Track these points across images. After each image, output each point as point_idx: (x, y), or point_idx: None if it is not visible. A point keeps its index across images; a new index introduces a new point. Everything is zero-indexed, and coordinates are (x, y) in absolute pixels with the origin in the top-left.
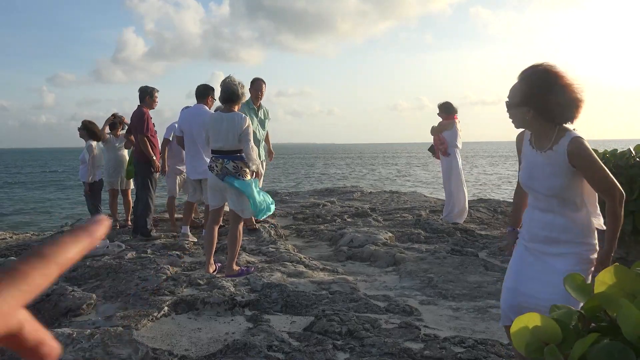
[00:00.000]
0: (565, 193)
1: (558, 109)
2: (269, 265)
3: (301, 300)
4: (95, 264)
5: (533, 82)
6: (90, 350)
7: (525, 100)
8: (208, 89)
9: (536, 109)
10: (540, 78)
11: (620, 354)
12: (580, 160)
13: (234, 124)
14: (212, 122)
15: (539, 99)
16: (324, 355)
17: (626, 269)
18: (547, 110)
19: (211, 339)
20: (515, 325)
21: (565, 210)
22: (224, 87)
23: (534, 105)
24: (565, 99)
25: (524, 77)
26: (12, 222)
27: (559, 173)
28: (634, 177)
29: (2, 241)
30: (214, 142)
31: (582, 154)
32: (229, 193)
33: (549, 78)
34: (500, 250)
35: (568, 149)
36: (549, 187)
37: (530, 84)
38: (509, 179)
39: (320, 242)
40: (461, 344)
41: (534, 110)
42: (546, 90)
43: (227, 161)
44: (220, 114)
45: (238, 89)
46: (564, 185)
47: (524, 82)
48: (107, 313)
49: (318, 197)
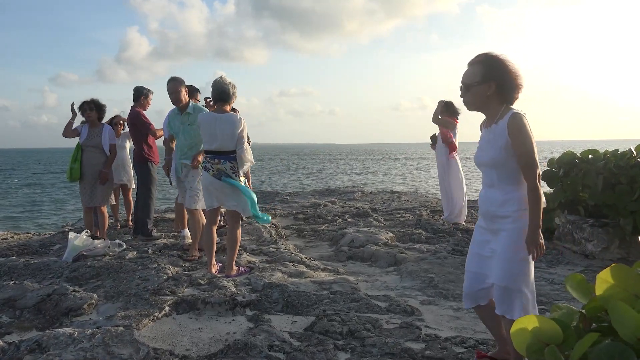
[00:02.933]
0: (503, 165)
1: (509, 88)
2: (270, 265)
3: (302, 300)
4: (96, 264)
5: (492, 63)
6: (92, 350)
7: (487, 77)
8: (193, 90)
9: (497, 84)
10: (495, 60)
11: (621, 354)
12: (515, 132)
13: (230, 125)
14: (206, 123)
15: (499, 75)
16: (325, 355)
17: (628, 269)
18: (503, 87)
19: (212, 338)
20: (516, 326)
21: (503, 185)
22: (215, 86)
23: (496, 80)
24: (513, 82)
25: (479, 60)
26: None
27: (498, 144)
28: (635, 177)
29: (3, 241)
30: (208, 143)
31: (518, 127)
32: (227, 193)
33: (504, 61)
34: None
35: (508, 122)
36: (490, 157)
37: (488, 65)
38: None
39: (321, 242)
40: (462, 344)
41: (496, 86)
42: (504, 70)
43: (223, 162)
44: (213, 115)
45: (229, 88)
46: (502, 155)
47: (480, 65)
48: (108, 313)
49: (319, 197)
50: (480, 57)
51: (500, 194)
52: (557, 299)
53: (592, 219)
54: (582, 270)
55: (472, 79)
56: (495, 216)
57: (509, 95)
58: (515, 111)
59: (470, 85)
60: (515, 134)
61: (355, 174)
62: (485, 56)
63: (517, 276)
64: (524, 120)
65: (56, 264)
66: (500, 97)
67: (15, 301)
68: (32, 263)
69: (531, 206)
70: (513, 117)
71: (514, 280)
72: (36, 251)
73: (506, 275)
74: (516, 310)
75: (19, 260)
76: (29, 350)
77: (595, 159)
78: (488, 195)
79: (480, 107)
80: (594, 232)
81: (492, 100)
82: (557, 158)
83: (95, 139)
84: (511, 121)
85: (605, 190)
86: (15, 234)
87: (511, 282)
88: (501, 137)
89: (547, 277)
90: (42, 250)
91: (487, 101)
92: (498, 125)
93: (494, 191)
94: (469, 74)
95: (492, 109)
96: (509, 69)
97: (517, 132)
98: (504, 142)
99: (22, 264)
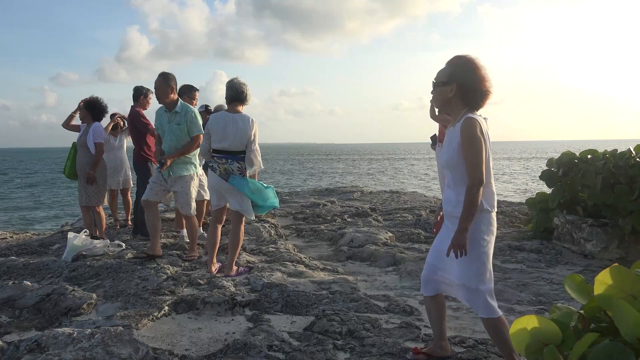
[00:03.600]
0: (456, 166)
1: (471, 92)
2: (269, 265)
3: (301, 300)
4: (95, 263)
5: (459, 65)
6: (91, 349)
7: (451, 79)
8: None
9: (458, 86)
10: (465, 63)
11: (620, 354)
12: (464, 134)
13: (243, 125)
14: (217, 122)
15: (462, 78)
16: (324, 355)
17: (626, 270)
18: (465, 91)
19: (211, 338)
20: (515, 326)
21: (458, 187)
22: (231, 86)
23: (457, 83)
24: (481, 87)
25: (451, 62)
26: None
27: (453, 145)
28: (634, 177)
29: (3, 241)
30: (218, 141)
31: (468, 129)
32: (232, 194)
33: (472, 65)
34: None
35: (461, 125)
36: (446, 158)
37: (456, 66)
38: (510, 179)
39: (320, 242)
40: (461, 343)
41: (457, 88)
42: (469, 74)
43: (231, 162)
44: (226, 114)
45: (245, 89)
46: (455, 157)
47: (450, 65)
48: (107, 313)
49: (318, 197)
50: (453, 59)
51: (455, 194)
52: (556, 299)
53: (591, 218)
54: (581, 270)
55: (439, 78)
56: (451, 216)
57: (472, 100)
58: (470, 115)
59: (436, 84)
60: (463, 137)
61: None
62: (456, 58)
63: (473, 276)
64: (475, 124)
65: (55, 263)
66: (464, 100)
67: (15, 301)
68: (32, 263)
69: (465, 207)
70: (466, 120)
71: (469, 279)
72: (35, 251)
73: (462, 275)
74: (480, 309)
75: (18, 259)
76: (28, 350)
77: (594, 159)
78: (446, 196)
79: (442, 106)
80: (593, 232)
81: (455, 102)
82: (556, 158)
83: (84, 137)
84: (463, 124)
85: (604, 190)
86: (14, 233)
87: (468, 281)
88: (455, 139)
89: (546, 277)
90: (42, 250)
91: (449, 102)
92: (455, 127)
93: (451, 192)
94: (440, 73)
95: (455, 110)
96: (475, 74)
97: (465, 135)
98: (457, 143)
99: (22, 263)
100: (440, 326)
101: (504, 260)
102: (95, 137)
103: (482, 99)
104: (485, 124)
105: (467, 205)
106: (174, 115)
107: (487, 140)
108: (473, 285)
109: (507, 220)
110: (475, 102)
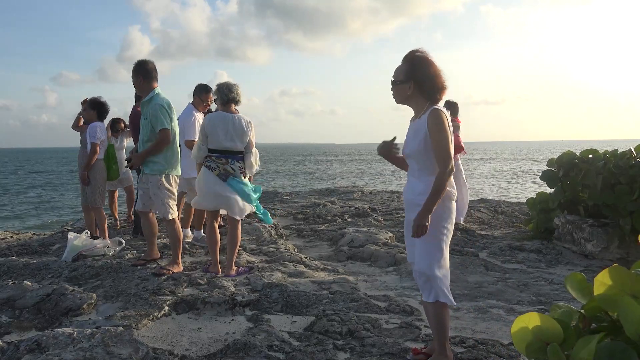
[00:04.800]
0: (422, 156)
1: (429, 87)
2: (270, 265)
3: (301, 300)
4: (95, 263)
5: (415, 63)
6: (91, 350)
7: (408, 76)
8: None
9: (416, 84)
10: (420, 61)
11: (622, 353)
12: (432, 125)
13: (244, 126)
14: (217, 122)
15: (419, 75)
16: (324, 355)
17: (626, 270)
18: (423, 87)
19: (211, 338)
20: (517, 324)
21: (422, 175)
22: (225, 88)
23: (415, 80)
24: (436, 82)
25: (407, 60)
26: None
27: (419, 136)
28: (634, 177)
29: (3, 241)
30: (219, 142)
31: (436, 121)
32: (224, 195)
33: (426, 62)
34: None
35: (428, 116)
36: (411, 148)
37: (412, 64)
38: (510, 179)
39: (320, 242)
40: (462, 344)
41: (414, 85)
42: (425, 71)
43: (232, 162)
44: (225, 114)
45: (239, 90)
46: (420, 148)
47: (407, 63)
48: (107, 313)
49: (318, 197)
50: (408, 56)
51: (420, 183)
52: (557, 299)
53: (591, 219)
54: (582, 270)
55: (396, 76)
56: (414, 204)
57: (430, 94)
58: (436, 107)
59: (394, 82)
60: (431, 127)
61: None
62: (411, 56)
63: (432, 262)
64: (442, 115)
65: (55, 263)
66: (423, 95)
67: (15, 301)
68: (32, 263)
69: (432, 191)
70: (432, 112)
71: (429, 265)
72: (36, 251)
73: (422, 261)
74: (432, 294)
75: (19, 260)
76: (28, 350)
77: (595, 159)
78: (410, 185)
79: (402, 101)
80: (594, 232)
81: (416, 97)
82: (557, 158)
83: (84, 137)
84: (430, 115)
85: (604, 190)
86: (14, 233)
87: (427, 267)
88: (421, 130)
89: (546, 277)
90: (42, 250)
91: (409, 98)
92: (420, 119)
93: (416, 181)
94: (397, 71)
95: (417, 105)
96: (429, 70)
97: (433, 126)
98: (424, 134)
99: (22, 263)
100: None
101: (504, 261)
102: (90, 137)
103: (439, 92)
104: (448, 115)
105: (435, 191)
106: (143, 107)
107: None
108: (430, 272)
109: (507, 220)
110: (432, 96)
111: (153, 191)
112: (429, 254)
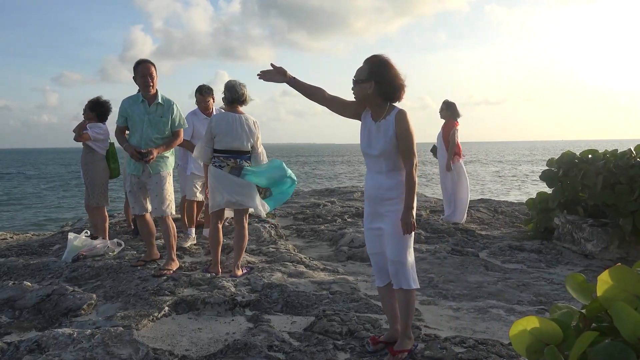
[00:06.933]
0: (391, 155)
1: (390, 88)
2: (270, 265)
3: (302, 300)
4: (95, 264)
5: (376, 65)
6: (91, 350)
7: (370, 76)
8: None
9: (376, 84)
10: (381, 63)
11: (621, 353)
12: (400, 127)
13: (251, 125)
14: (224, 122)
15: (379, 75)
16: (324, 356)
17: (628, 270)
18: (383, 87)
19: (212, 339)
20: (515, 327)
21: (390, 172)
22: (232, 88)
23: (375, 80)
24: (396, 82)
25: (369, 61)
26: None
27: (386, 137)
28: (634, 177)
29: (2, 241)
30: (227, 142)
31: (403, 123)
32: (244, 192)
33: (387, 64)
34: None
35: (395, 117)
36: (379, 149)
37: (374, 66)
38: (510, 179)
39: (320, 242)
40: (462, 344)
41: (375, 85)
42: (384, 72)
43: (240, 161)
44: (232, 114)
45: (246, 91)
46: (389, 147)
47: (369, 65)
48: (107, 313)
49: (318, 197)
50: (370, 58)
51: (388, 180)
52: (557, 299)
53: (591, 218)
54: (582, 270)
55: (358, 75)
56: (383, 199)
57: (390, 94)
58: (400, 109)
59: (356, 81)
60: (399, 129)
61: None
62: (373, 58)
63: (404, 250)
64: (407, 116)
65: (55, 264)
66: (382, 95)
67: (15, 301)
68: (32, 263)
69: (407, 190)
70: (399, 113)
71: (402, 254)
72: (35, 251)
73: (396, 251)
74: (410, 280)
75: (19, 260)
76: (28, 351)
77: (595, 158)
78: (376, 181)
79: (362, 100)
80: (594, 232)
81: (376, 97)
82: (556, 158)
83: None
84: (397, 116)
85: (604, 190)
86: (14, 234)
87: (401, 256)
88: (388, 132)
89: (546, 277)
90: (42, 250)
91: (370, 97)
92: (387, 120)
93: (382, 177)
94: (359, 71)
95: (377, 105)
96: (389, 72)
97: (400, 128)
98: (391, 134)
99: (22, 264)
100: (394, 310)
101: (504, 260)
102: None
103: (398, 92)
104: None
105: (410, 188)
106: (156, 107)
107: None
108: (402, 260)
109: (507, 220)
110: (392, 96)
111: (162, 188)
112: (402, 244)
